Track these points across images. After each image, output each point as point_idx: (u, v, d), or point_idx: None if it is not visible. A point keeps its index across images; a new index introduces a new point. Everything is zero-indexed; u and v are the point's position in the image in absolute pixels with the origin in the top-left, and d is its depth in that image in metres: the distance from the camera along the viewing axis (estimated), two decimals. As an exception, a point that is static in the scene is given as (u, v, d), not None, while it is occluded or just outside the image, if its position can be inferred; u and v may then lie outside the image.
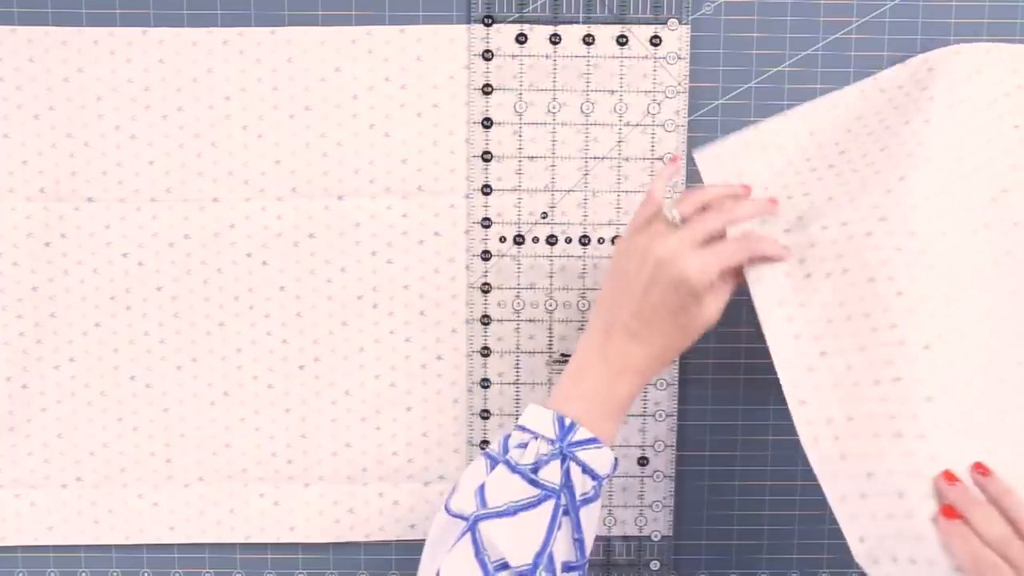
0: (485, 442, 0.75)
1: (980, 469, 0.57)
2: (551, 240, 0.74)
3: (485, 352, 0.75)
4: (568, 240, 0.74)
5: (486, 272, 0.74)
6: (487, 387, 0.75)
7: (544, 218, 0.74)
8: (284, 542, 0.76)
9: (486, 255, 0.74)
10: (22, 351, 0.74)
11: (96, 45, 0.71)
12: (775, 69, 0.72)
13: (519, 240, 0.74)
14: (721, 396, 0.76)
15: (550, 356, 0.75)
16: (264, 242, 0.73)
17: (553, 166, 0.73)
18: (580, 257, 0.74)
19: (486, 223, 0.74)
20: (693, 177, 0.73)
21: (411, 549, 0.77)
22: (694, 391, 0.75)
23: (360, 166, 0.73)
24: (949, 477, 0.56)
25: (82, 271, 0.73)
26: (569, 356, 0.74)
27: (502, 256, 0.74)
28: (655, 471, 0.76)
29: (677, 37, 0.71)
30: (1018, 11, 0.72)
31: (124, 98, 0.72)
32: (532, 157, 0.73)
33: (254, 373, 0.74)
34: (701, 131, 0.73)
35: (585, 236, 0.74)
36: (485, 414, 0.75)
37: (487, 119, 0.72)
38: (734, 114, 0.72)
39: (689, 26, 0.71)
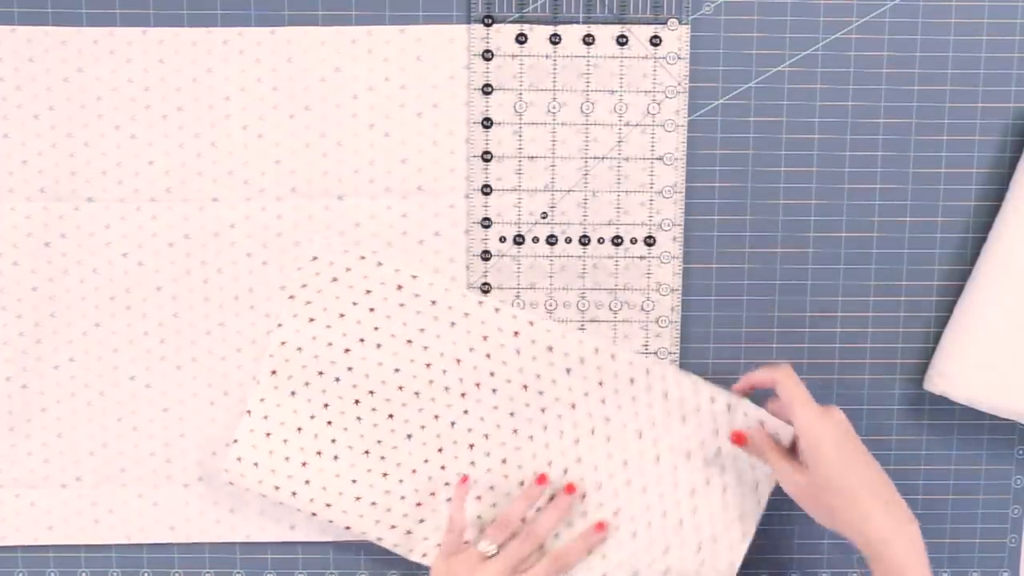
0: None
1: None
2: (551, 240, 0.74)
3: (485, 352, 0.75)
4: (568, 240, 0.74)
5: (486, 272, 0.74)
6: (487, 387, 0.75)
7: (544, 218, 0.74)
8: (284, 541, 0.76)
9: (486, 255, 0.74)
10: (22, 351, 0.74)
11: (96, 45, 0.71)
12: (775, 69, 0.72)
13: (519, 240, 0.74)
14: (721, 396, 0.76)
15: (550, 356, 0.75)
16: (264, 242, 0.73)
17: (553, 166, 0.73)
18: (580, 257, 0.74)
19: (486, 223, 0.74)
20: (692, 177, 0.73)
21: (411, 549, 0.77)
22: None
23: (360, 166, 0.73)
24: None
25: (82, 271, 0.73)
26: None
27: (502, 256, 0.74)
28: (655, 471, 0.76)
29: (677, 37, 0.71)
30: (1018, 11, 0.72)
31: (124, 98, 0.72)
32: (532, 157, 0.73)
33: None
34: (701, 131, 0.73)
35: (585, 236, 0.74)
36: (485, 414, 0.75)
37: (487, 119, 0.72)
38: (734, 114, 0.72)
39: (689, 26, 0.71)
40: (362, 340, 0.72)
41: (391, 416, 0.73)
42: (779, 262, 0.74)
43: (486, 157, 0.73)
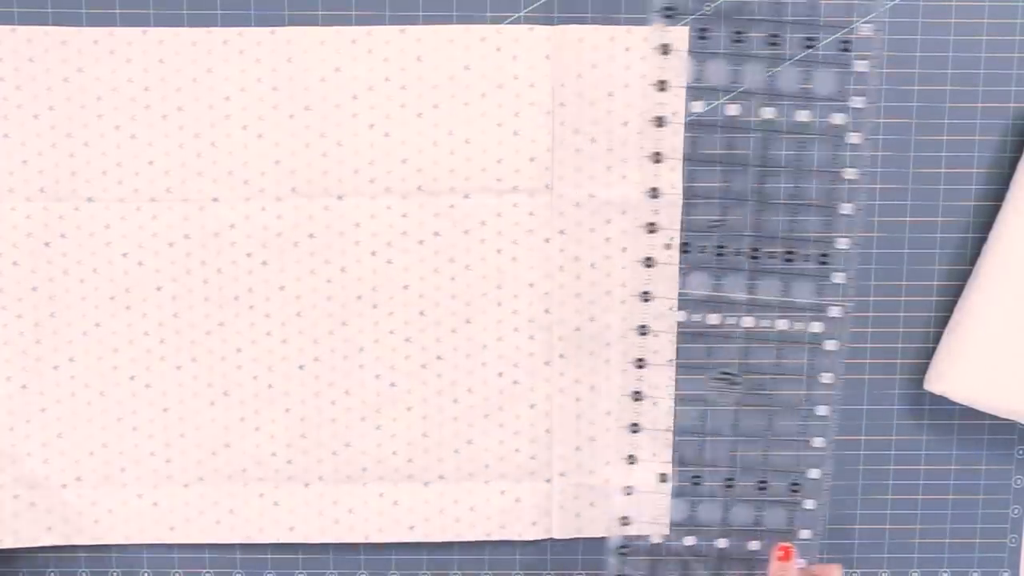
0: (485, 442, 0.76)
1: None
2: (551, 240, 0.74)
3: (485, 352, 0.75)
4: (568, 240, 0.74)
5: (486, 272, 0.74)
6: (487, 387, 0.75)
7: (544, 218, 0.74)
8: (284, 542, 0.76)
9: (486, 255, 0.74)
10: (22, 351, 0.74)
11: (96, 45, 0.71)
12: (775, 69, 0.72)
13: (519, 240, 0.74)
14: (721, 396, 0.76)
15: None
16: (264, 242, 0.73)
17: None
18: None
19: (486, 223, 0.74)
20: (692, 176, 0.73)
21: (411, 549, 0.77)
22: (694, 391, 0.75)
23: (360, 166, 0.73)
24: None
25: (82, 271, 0.73)
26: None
27: (502, 256, 0.74)
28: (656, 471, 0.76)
29: (677, 37, 0.71)
30: (1018, 11, 0.72)
31: (124, 98, 0.72)
32: (532, 158, 0.73)
33: (254, 373, 0.74)
34: (701, 131, 0.73)
35: (585, 236, 0.74)
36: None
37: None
38: (734, 114, 0.72)
39: (689, 26, 0.71)
40: None
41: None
42: (779, 262, 0.74)
43: (486, 157, 0.73)
